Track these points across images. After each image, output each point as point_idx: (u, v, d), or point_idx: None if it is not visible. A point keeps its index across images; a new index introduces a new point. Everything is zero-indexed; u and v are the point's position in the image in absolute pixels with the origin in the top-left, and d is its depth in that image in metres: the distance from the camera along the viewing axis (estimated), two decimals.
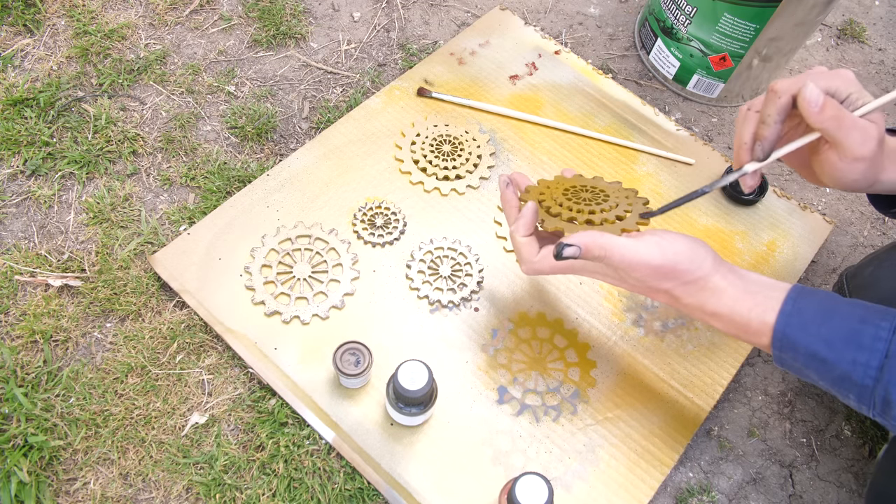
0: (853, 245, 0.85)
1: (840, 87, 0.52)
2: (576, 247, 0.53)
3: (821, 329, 0.49)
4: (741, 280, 0.53)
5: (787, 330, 0.50)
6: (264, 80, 0.91)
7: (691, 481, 0.68)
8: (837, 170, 0.53)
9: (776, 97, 0.53)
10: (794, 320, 0.50)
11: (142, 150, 0.83)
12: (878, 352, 0.46)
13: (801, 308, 0.51)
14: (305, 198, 0.79)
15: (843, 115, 0.50)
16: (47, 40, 0.91)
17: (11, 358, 0.67)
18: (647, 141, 0.88)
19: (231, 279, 0.73)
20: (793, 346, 0.50)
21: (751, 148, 0.55)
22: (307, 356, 0.69)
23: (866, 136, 0.50)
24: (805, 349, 0.49)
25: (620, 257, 0.53)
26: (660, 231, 0.54)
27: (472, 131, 0.86)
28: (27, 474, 0.61)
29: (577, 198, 0.58)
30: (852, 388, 0.48)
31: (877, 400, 0.47)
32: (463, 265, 0.76)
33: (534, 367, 0.70)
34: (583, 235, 0.53)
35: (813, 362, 0.49)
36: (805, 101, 0.50)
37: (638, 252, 0.52)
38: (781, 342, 0.51)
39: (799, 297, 0.51)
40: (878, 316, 0.48)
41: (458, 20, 1.00)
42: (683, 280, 0.53)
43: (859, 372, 0.47)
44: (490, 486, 0.64)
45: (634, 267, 0.53)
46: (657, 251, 0.52)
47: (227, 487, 0.63)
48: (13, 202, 0.78)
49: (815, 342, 0.49)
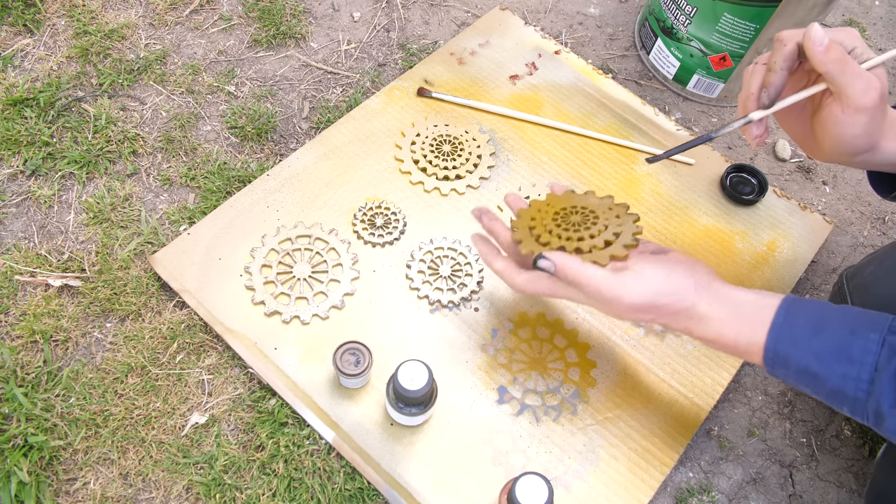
0: (853, 245, 0.85)
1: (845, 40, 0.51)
2: (551, 262, 0.54)
3: (811, 343, 0.49)
4: (727, 305, 0.53)
5: (779, 346, 0.50)
6: (264, 80, 0.91)
7: (691, 481, 0.68)
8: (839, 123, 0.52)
9: (782, 45, 0.52)
10: (785, 335, 0.50)
11: (142, 150, 0.83)
12: (868, 365, 0.46)
13: (792, 322, 0.50)
14: (305, 198, 0.79)
15: (846, 59, 0.49)
16: (47, 40, 0.91)
17: (11, 358, 0.67)
18: (647, 141, 0.88)
19: (231, 279, 0.73)
20: (784, 362, 0.50)
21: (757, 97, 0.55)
22: (307, 356, 0.69)
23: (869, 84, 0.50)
24: (796, 364, 0.49)
25: (595, 291, 0.53)
26: (641, 262, 0.54)
27: (472, 131, 0.86)
28: (27, 474, 0.61)
29: (567, 222, 0.58)
30: (845, 400, 0.48)
31: (870, 412, 0.47)
32: (463, 265, 0.76)
33: (534, 367, 0.70)
34: (563, 256, 0.54)
35: (805, 377, 0.49)
36: (810, 41, 0.50)
37: (613, 289, 0.53)
38: (773, 359, 0.51)
39: (789, 311, 0.51)
40: (867, 327, 0.48)
41: (458, 20, 1.00)
42: (664, 312, 0.54)
43: (851, 386, 0.47)
44: (490, 486, 0.64)
45: (610, 302, 0.53)
46: (633, 288, 0.53)
47: (227, 487, 0.63)
48: (13, 202, 0.78)
49: (806, 357, 0.49)
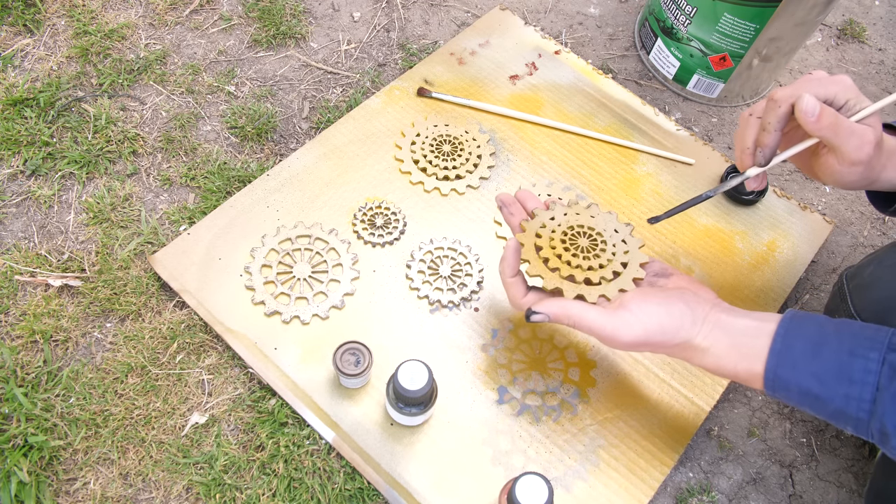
0: (853, 245, 0.85)
1: (838, 94, 0.53)
2: (543, 315, 0.56)
3: (811, 365, 0.49)
4: (725, 335, 0.53)
5: (779, 370, 0.50)
6: (264, 80, 0.91)
7: (691, 481, 0.68)
8: (836, 172, 0.55)
9: (776, 106, 0.54)
10: (785, 359, 0.50)
11: (142, 150, 0.83)
12: (870, 385, 0.46)
13: (790, 345, 0.50)
14: (305, 198, 0.79)
15: (839, 123, 0.52)
16: (47, 40, 0.91)
17: (11, 358, 0.67)
18: (647, 141, 0.88)
19: (231, 279, 0.73)
20: (785, 386, 0.50)
21: (753, 153, 0.57)
22: (307, 356, 0.69)
23: (863, 140, 0.52)
24: (797, 387, 0.49)
25: (590, 330, 0.55)
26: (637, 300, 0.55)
27: (472, 131, 0.86)
28: (27, 474, 0.61)
29: (575, 247, 0.58)
30: (848, 421, 0.48)
31: (874, 431, 0.47)
32: (463, 265, 0.76)
33: (534, 367, 0.70)
34: (553, 304, 0.56)
35: (806, 399, 0.49)
36: (802, 113, 0.52)
37: (609, 328, 0.54)
38: (774, 383, 0.51)
39: (787, 333, 0.51)
40: (866, 345, 0.48)
41: (458, 20, 1.00)
42: (660, 347, 0.55)
43: (853, 406, 0.47)
44: (490, 486, 0.64)
45: (605, 339, 0.55)
46: (627, 329, 0.53)
47: (227, 487, 0.63)
48: (13, 202, 0.78)
49: (807, 379, 0.49)
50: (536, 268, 0.57)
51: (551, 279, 0.56)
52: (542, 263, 0.58)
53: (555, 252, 0.58)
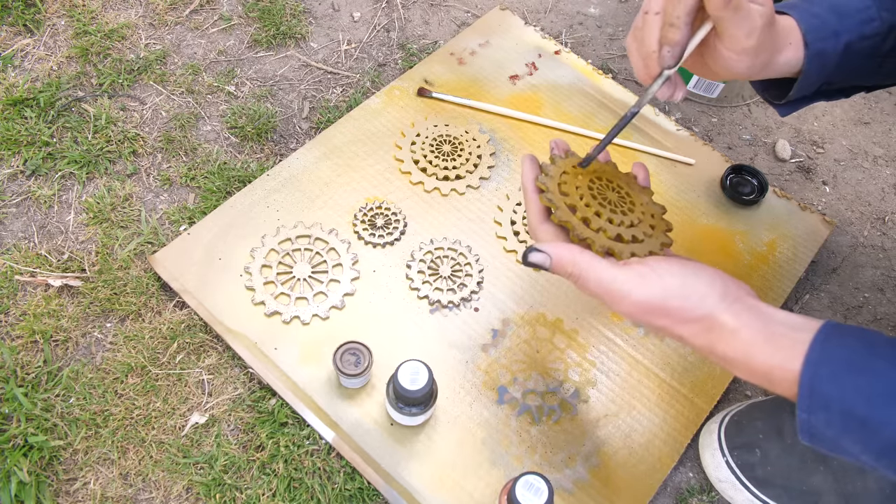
0: (853, 245, 0.85)
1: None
2: (545, 255, 0.47)
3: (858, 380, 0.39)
4: (760, 320, 0.44)
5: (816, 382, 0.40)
6: (264, 80, 0.91)
7: (691, 481, 0.68)
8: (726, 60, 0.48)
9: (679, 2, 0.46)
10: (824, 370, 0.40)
11: (142, 150, 0.83)
12: None
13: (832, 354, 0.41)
14: (305, 198, 0.79)
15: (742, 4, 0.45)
16: (47, 40, 0.91)
17: (11, 358, 0.67)
18: (647, 141, 0.88)
19: (231, 279, 0.73)
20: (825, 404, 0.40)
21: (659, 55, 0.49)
22: (307, 356, 0.69)
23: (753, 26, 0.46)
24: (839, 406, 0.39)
25: (597, 283, 0.46)
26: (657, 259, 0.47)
27: (472, 131, 0.86)
28: (27, 474, 0.61)
29: (602, 197, 0.51)
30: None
31: None
32: (463, 265, 0.76)
33: (534, 367, 0.70)
34: (560, 247, 0.47)
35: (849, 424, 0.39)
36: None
37: (617, 280, 0.45)
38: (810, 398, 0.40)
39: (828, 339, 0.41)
40: None
41: (458, 20, 1.00)
42: (679, 318, 0.45)
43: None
44: (490, 486, 0.64)
45: (614, 297, 0.46)
46: (640, 283, 0.45)
47: (227, 487, 0.63)
48: (13, 202, 0.78)
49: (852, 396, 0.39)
50: (552, 196, 0.49)
51: (562, 213, 0.48)
52: (569, 212, 0.49)
53: (578, 192, 0.50)
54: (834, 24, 0.51)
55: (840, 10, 0.52)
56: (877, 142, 0.94)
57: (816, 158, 0.92)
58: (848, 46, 0.51)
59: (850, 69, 0.53)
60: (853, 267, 0.83)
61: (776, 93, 0.56)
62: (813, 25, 0.51)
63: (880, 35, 0.52)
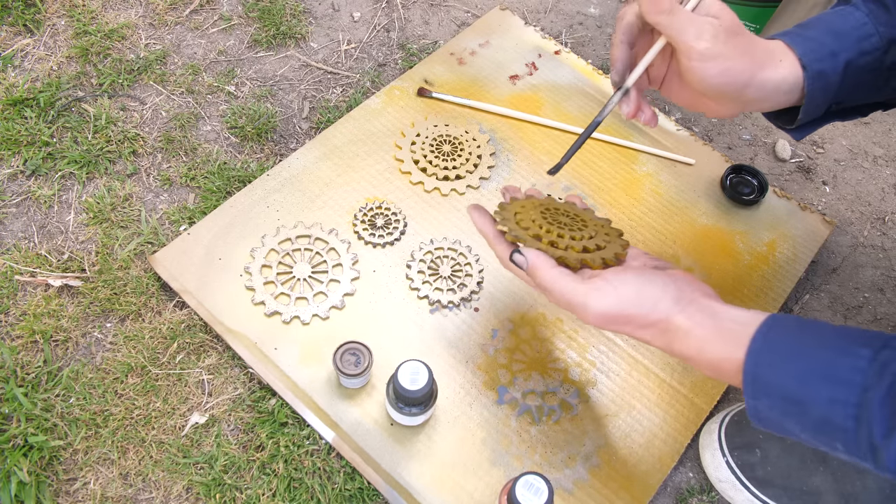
0: (853, 245, 0.85)
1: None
2: (524, 258, 0.52)
3: (794, 365, 0.42)
4: (711, 318, 0.48)
5: (758, 369, 0.44)
6: (264, 80, 0.91)
7: (691, 481, 0.68)
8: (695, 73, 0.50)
9: (620, 18, 0.53)
10: (765, 358, 0.44)
11: (142, 150, 0.83)
12: (856, 385, 0.39)
13: (773, 342, 0.44)
14: (305, 198, 0.79)
15: (675, 9, 0.49)
16: (47, 40, 0.91)
17: (11, 358, 0.67)
18: (647, 141, 0.88)
19: (231, 279, 0.73)
20: (766, 389, 0.43)
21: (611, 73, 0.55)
22: (307, 356, 0.69)
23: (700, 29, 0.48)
24: (778, 390, 0.43)
25: (561, 296, 0.50)
26: (614, 271, 0.51)
27: (472, 131, 0.86)
28: (27, 474, 0.61)
29: (555, 220, 0.56)
30: (836, 434, 0.41)
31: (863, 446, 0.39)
32: (463, 265, 0.76)
33: (534, 367, 0.70)
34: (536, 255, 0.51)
35: (788, 406, 0.42)
36: None
37: (578, 294, 0.50)
38: (754, 385, 0.44)
39: (770, 329, 0.45)
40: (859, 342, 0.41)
41: (458, 20, 1.00)
42: (638, 324, 0.50)
43: (838, 412, 0.40)
44: (490, 486, 0.64)
45: (577, 310, 0.50)
46: (598, 296, 0.49)
47: (227, 487, 0.63)
48: (13, 202, 0.78)
49: (788, 380, 0.42)
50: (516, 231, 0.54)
51: (529, 242, 0.53)
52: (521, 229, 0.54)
53: (535, 223, 0.55)
54: (830, 44, 0.52)
55: (836, 30, 0.53)
56: (877, 142, 0.94)
57: (816, 158, 0.92)
58: (848, 65, 0.52)
59: (856, 86, 0.54)
60: (853, 267, 0.83)
61: (788, 118, 0.57)
62: (809, 49, 0.52)
63: (880, 49, 0.52)
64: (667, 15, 0.49)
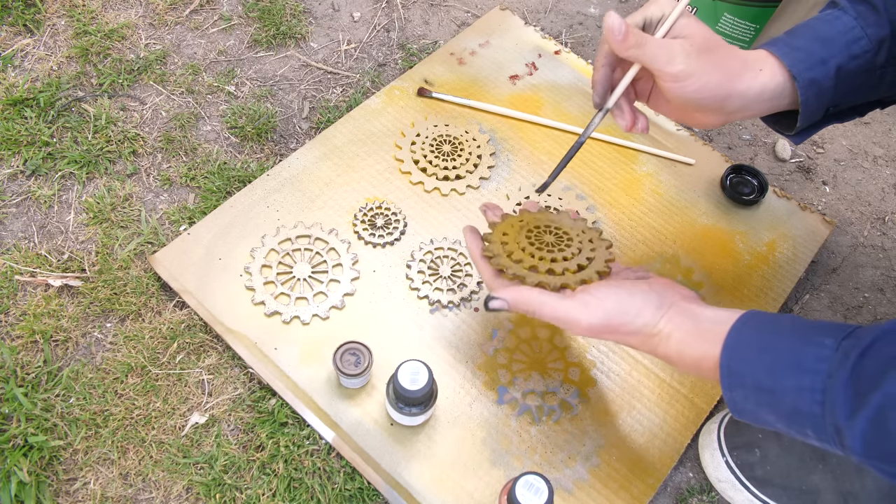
0: (853, 245, 0.85)
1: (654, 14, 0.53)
2: (502, 300, 0.54)
3: (765, 356, 0.45)
4: (691, 320, 0.50)
5: (732, 363, 0.46)
6: (264, 80, 0.91)
7: (691, 481, 0.68)
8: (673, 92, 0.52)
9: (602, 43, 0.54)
10: (738, 351, 0.47)
11: (142, 150, 0.83)
12: (821, 373, 0.42)
13: (745, 337, 0.47)
14: (305, 198, 0.79)
15: (643, 41, 0.50)
16: (47, 40, 0.91)
17: (11, 358, 0.67)
18: (647, 141, 0.88)
19: (231, 279, 0.73)
20: (741, 381, 0.46)
21: None
22: (307, 356, 0.69)
23: (671, 53, 0.50)
24: (752, 382, 0.45)
25: (551, 316, 0.53)
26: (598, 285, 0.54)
27: (472, 131, 0.86)
28: (27, 474, 0.61)
29: (541, 242, 0.58)
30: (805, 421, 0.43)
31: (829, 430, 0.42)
32: (463, 265, 0.76)
33: (534, 367, 0.70)
34: (512, 291, 0.54)
35: (761, 396, 0.45)
36: (608, 31, 0.51)
37: (567, 312, 0.53)
38: (730, 377, 0.47)
39: (744, 325, 0.48)
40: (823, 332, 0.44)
41: (458, 20, 1.00)
42: (624, 332, 0.53)
43: (806, 399, 0.42)
44: (490, 486, 0.64)
45: (567, 325, 0.53)
46: (584, 310, 0.52)
47: (227, 487, 0.63)
48: (13, 202, 0.78)
49: (759, 371, 0.45)
50: (499, 259, 0.57)
51: (512, 268, 0.56)
52: (505, 256, 0.58)
53: (519, 245, 0.58)
54: (819, 52, 0.52)
55: (823, 37, 0.53)
56: (877, 142, 0.94)
57: (816, 158, 0.92)
58: (839, 69, 0.52)
59: (851, 88, 0.54)
60: (853, 267, 0.83)
61: (787, 123, 0.58)
62: (797, 58, 0.52)
63: (870, 51, 0.53)
64: (636, 48, 0.51)
